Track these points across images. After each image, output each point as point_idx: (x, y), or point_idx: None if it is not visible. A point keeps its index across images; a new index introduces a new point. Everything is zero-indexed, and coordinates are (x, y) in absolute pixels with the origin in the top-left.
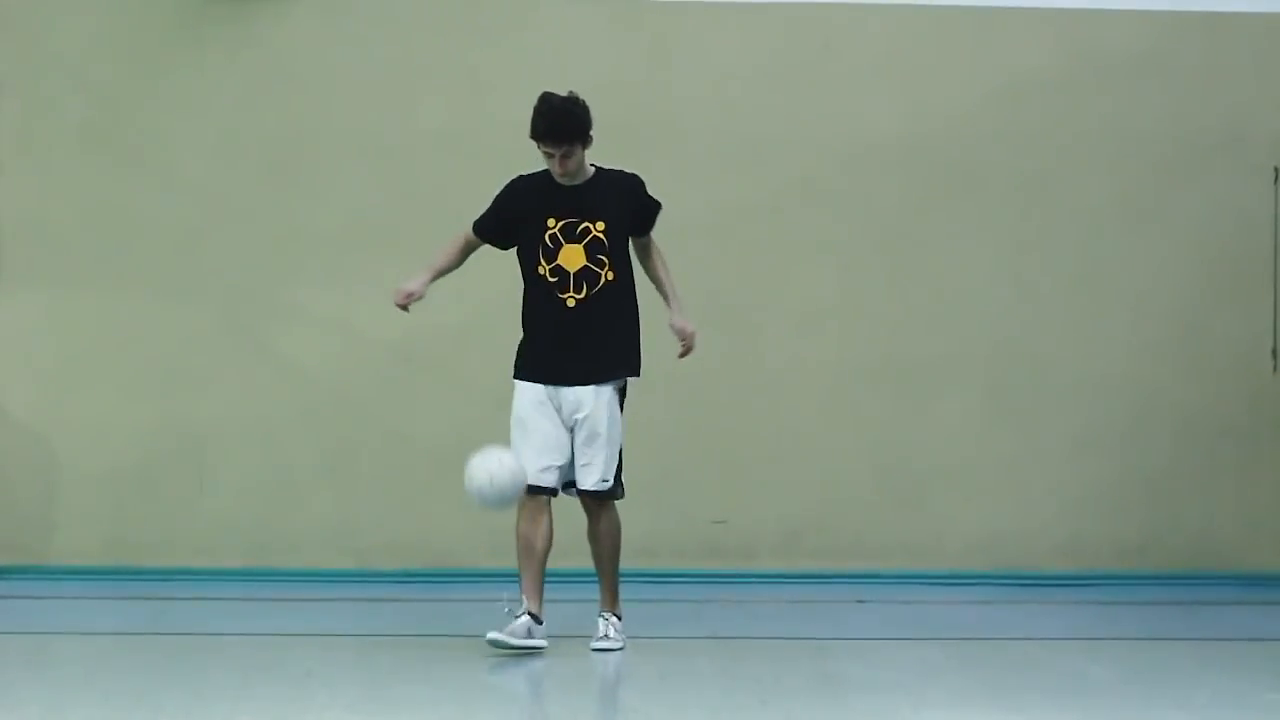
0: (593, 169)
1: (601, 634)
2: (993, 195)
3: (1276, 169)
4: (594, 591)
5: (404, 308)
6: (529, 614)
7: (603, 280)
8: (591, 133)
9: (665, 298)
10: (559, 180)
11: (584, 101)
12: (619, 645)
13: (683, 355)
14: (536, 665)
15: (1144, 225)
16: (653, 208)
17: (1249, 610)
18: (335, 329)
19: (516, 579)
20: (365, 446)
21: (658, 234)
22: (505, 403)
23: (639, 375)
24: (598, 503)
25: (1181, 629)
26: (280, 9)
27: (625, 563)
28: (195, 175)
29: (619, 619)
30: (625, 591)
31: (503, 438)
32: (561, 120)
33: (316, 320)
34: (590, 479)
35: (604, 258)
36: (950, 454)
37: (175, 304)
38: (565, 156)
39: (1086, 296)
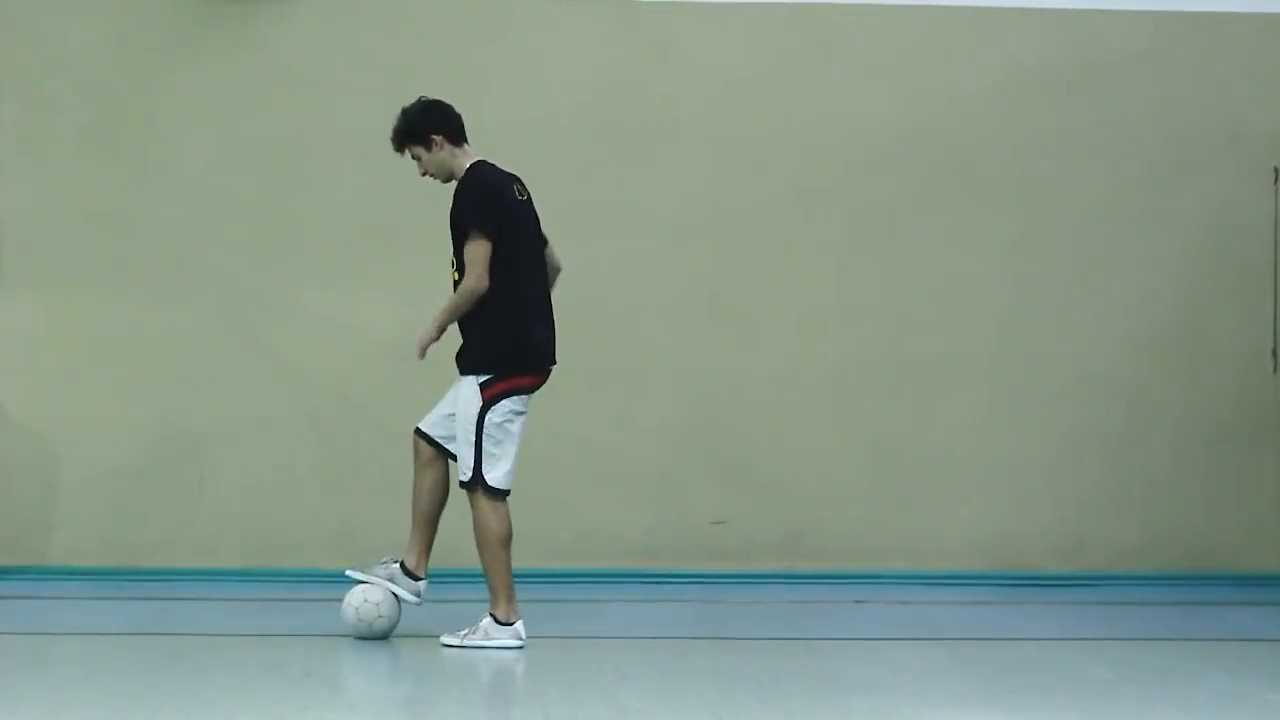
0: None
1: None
2: (993, 195)
3: (1276, 169)
4: (591, 593)
5: None
6: (398, 562)
7: (452, 282)
8: (434, 135)
9: None
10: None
11: (425, 104)
12: (457, 644)
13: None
14: (537, 665)
15: (1144, 225)
16: (461, 210)
17: (1249, 610)
18: (335, 329)
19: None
20: (365, 446)
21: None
22: None
23: (492, 375)
24: (467, 494)
25: (1181, 629)
26: (280, 9)
27: (626, 563)
28: (195, 175)
29: (498, 621)
30: (626, 591)
31: None
32: (394, 126)
33: (316, 320)
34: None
35: (453, 259)
36: (950, 454)
37: (175, 304)
38: (415, 159)
39: (1086, 296)
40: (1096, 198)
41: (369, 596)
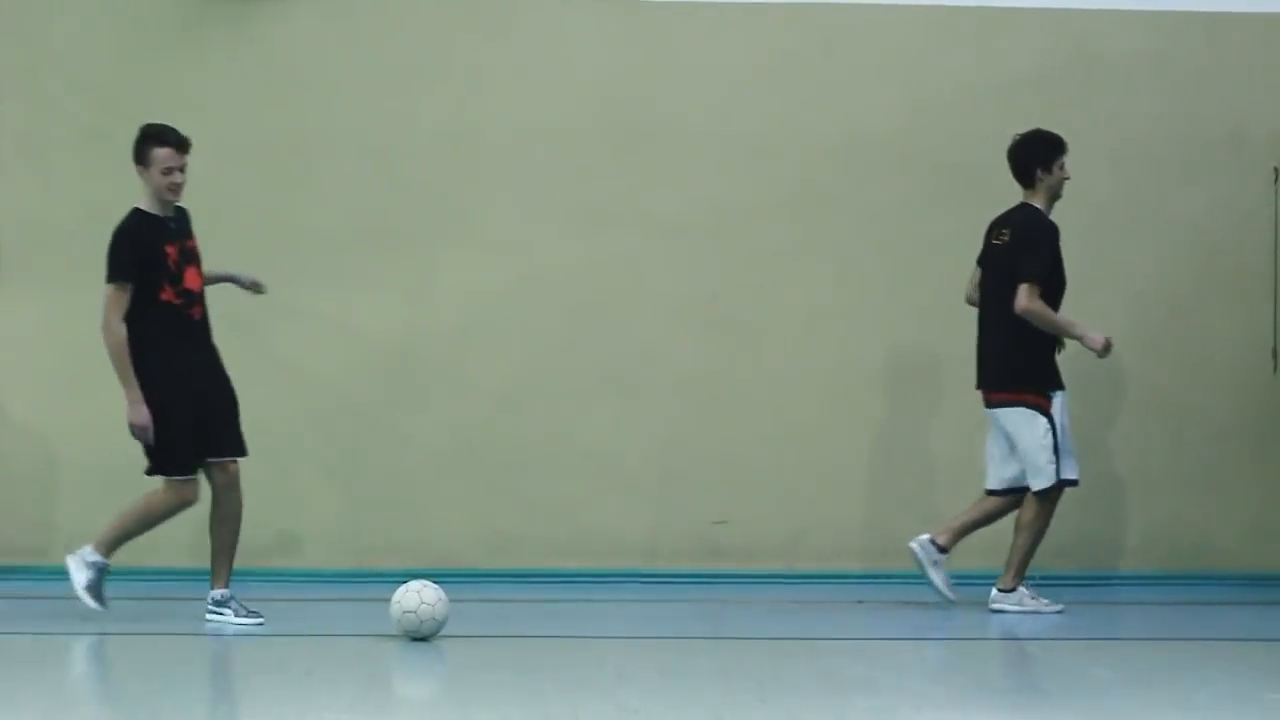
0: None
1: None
2: (993, 195)
3: (1276, 169)
4: (591, 593)
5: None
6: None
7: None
8: None
9: None
10: None
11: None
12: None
13: None
14: (537, 665)
15: (1144, 225)
16: None
17: (1249, 610)
18: (335, 329)
19: (510, 578)
20: (366, 446)
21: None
22: (505, 403)
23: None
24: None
25: (1181, 629)
26: (280, 9)
27: (626, 562)
28: (195, 175)
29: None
30: (626, 591)
31: (499, 435)
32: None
33: (316, 320)
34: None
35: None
36: (950, 454)
37: None
38: None
39: (1086, 296)
40: (1097, 197)
41: (425, 597)
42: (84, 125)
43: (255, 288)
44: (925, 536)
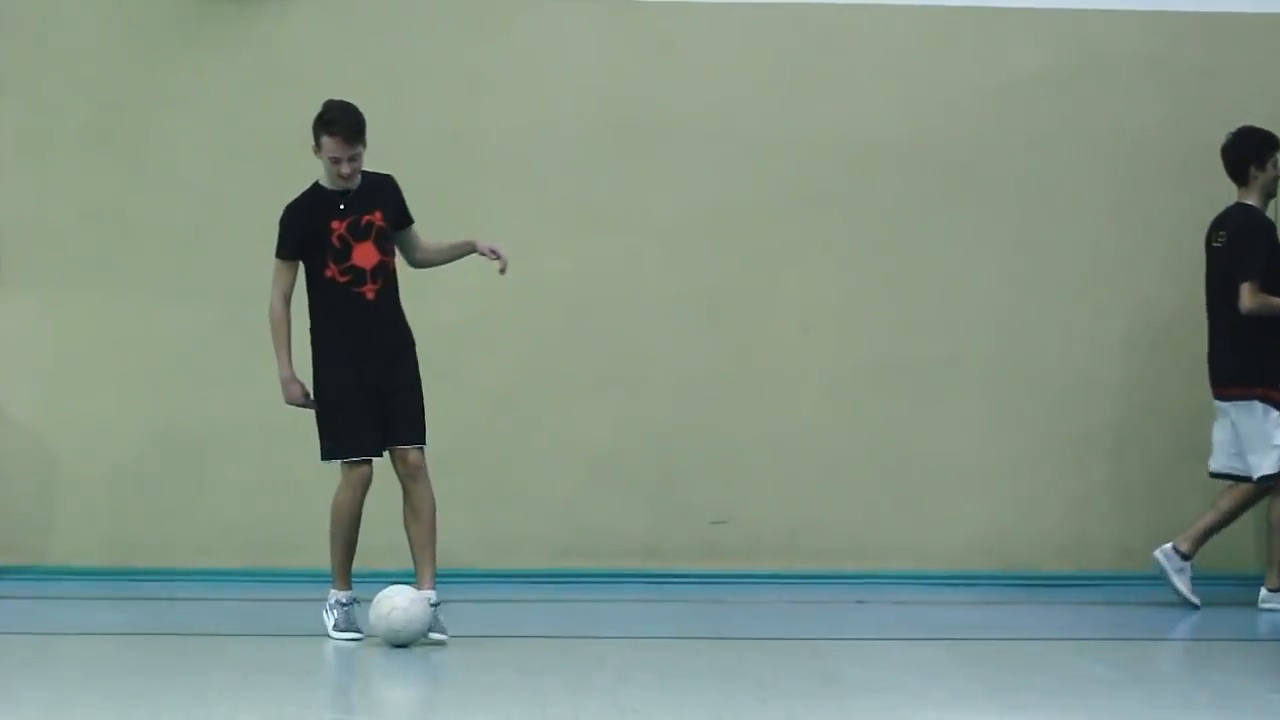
0: None
1: None
2: (993, 195)
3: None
4: (591, 593)
5: None
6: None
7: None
8: None
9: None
10: None
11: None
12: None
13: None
14: (537, 665)
15: (1144, 225)
16: None
17: (1249, 610)
18: None
19: (510, 578)
20: None
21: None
22: (504, 403)
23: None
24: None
25: (1181, 629)
26: (280, 9)
27: (626, 563)
28: (195, 175)
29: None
30: (624, 591)
31: (499, 435)
32: None
33: None
34: None
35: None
36: (950, 454)
37: (175, 304)
38: None
39: (1086, 297)
40: (1097, 198)
41: (397, 603)
42: (84, 125)
43: (494, 256)
44: (1168, 545)
